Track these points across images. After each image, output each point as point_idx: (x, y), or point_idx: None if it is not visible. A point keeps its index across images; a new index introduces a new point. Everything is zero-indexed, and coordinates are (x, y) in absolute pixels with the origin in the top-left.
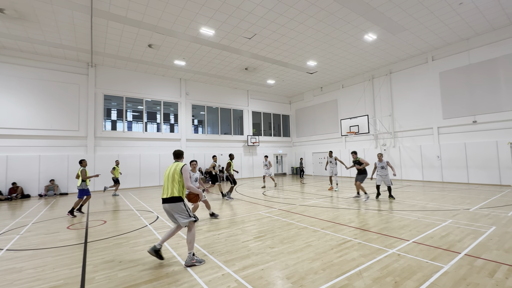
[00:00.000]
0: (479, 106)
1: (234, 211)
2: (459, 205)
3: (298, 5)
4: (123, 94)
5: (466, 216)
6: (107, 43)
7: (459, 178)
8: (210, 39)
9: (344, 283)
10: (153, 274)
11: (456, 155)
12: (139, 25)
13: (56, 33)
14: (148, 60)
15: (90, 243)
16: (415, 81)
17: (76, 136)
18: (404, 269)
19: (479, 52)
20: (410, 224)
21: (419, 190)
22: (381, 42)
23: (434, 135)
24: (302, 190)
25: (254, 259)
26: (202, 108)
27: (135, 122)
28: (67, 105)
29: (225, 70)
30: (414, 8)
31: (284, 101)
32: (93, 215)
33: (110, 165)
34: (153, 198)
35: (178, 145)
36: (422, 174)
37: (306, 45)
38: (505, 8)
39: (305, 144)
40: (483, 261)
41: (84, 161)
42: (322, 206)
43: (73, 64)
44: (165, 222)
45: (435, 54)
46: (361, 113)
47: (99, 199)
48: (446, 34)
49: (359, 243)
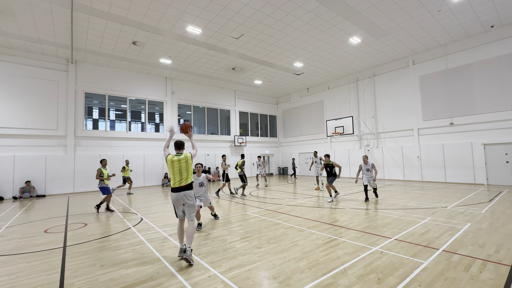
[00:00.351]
0: (455, 109)
1: (221, 212)
2: (437, 203)
3: (286, 6)
4: (106, 92)
5: (444, 214)
6: (88, 39)
7: (437, 177)
8: (197, 38)
9: (329, 281)
10: (137, 277)
11: (435, 155)
12: (123, 21)
13: (33, 27)
14: (132, 58)
15: (69, 247)
16: (397, 84)
17: (54, 136)
18: (386, 266)
19: (456, 58)
20: (392, 222)
21: (400, 189)
22: (365, 45)
23: (414, 136)
24: (288, 190)
25: (241, 259)
26: (188, 108)
27: (118, 121)
28: (45, 102)
29: (212, 69)
30: (396, 14)
31: (271, 102)
32: (73, 217)
33: (92, 165)
34: (137, 199)
35: (163, 145)
36: (403, 173)
37: (293, 47)
38: (480, 17)
39: (292, 144)
40: (459, 257)
41: (104, 160)
42: (308, 206)
43: (52, 60)
44: (150, 224)
45: (416, 59)
46: (346, 114)
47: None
48: (425, 39)
49: (344, 241)
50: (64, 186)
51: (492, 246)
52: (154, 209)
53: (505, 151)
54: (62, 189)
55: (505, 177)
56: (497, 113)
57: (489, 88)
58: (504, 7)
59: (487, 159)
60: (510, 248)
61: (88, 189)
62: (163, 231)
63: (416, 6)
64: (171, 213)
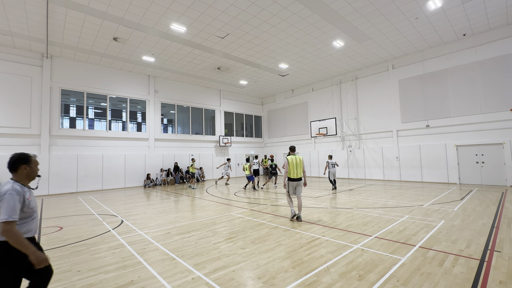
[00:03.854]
0: (431, 112)
1: (205, 212)
2: (414, 202)
3: (271, 8)
4: (84, 89)
5: (420, 212)
6: (65, 33)
7: (414, 177)
8: (182, 36)
9: (312, 280)
10: (117, 282)
11: (412, 156)
12: (103, 16)
13: (3, 18)
14: (113, 54)
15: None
16: (378, 87)
17: (27, 134)
18: (367, 263)
19: (431, 63)
20: (373, 220)
21: (380, 189)
22: (348, 49)
23: (393, 138)
24: (273, 190)
25: (225, 260)
26: (172, 107)
27: (98, 120)
28: (17, 99)
29: (197, 68)
30: (378, 19)
31: (257, 102)
32: (47, 221)
33: (68, 166)
34: (117, 201)
35: (145, 144)
36: (383, 173)
37: (278, 48)
38: (453, 25)
39: (277, 145)
40: (434, 252)
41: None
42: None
43: (25, 54)
44: (131, 226)
45: (395, 63)
46: (329, 116)
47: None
48: (404, 45)
49: (326, 240)
50: (38, 188)
51: (463, 242)
52: (136, 211)
53: (475, 152)
54: (36, 191)
55: (475, 176)
56: (469, 116)
57: (461, 93)
58: (475, 17)
59: (459, 159)
60: (480, 243)
61: (64, 191)
62: (144, 233)
63: (396, 13)
64: (153, 215)
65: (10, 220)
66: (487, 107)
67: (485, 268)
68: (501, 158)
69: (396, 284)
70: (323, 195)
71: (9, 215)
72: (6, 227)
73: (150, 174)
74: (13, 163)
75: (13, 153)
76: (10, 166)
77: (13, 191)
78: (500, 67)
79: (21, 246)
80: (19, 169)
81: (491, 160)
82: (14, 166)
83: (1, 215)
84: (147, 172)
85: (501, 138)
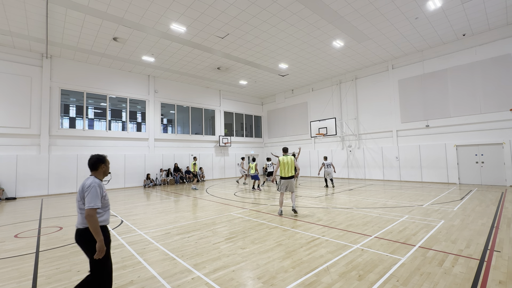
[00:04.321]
0: (431, 112)
1: (205, 212)
2: (414, 202)
3: (271, 8)
4: (84, 90)
5: (420, 212)
6: (65, 33)
7: (414, 177)
8: (181, 36)
9: (312, 280)
10: (116, 282)
11: (412, 156)
12: (103, 16)
13: (3, 18)
14: (113, 54)
15: (42, 252)
16: (378, 87)
17: (27, 134)
18: (367, 263)
19: (431, 63)
20: (372, 220)
21: (380, 189)
22: (348, 49)
23: (393, 138)
24: (273, 190)
25: (225, 260)
26: (171, 107)
27: (98, 120)
28: (16, 99)
29: (196, 68)
30: (377, 19)
31: (257, 102)
32: (47, 221)
33: (68, 166)
34: (117, 201)
35: (145, 145)
36: (383, 173)
37: (278, 48)
38: (453, 25)
39: (277, 145)
40: (434, 252)
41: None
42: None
43: (25, 54)
44: (131, 226)
45: (395, 63)
46: (329, 116)
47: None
48: (404, 45)
49: (326, 240)
50: (37, 188)
51: (463, 242)
52: (135, 211)
53: (475, 152)
54: (35, 191)
55: (475, 176)
56: (468, 116)
57: (461, 93)
58: (474, 17)
59: (459, 159)
60: (479, 243)
61: (64, 191)
62: (144, 233)
63: (396, 13)
64: (153, 215)
65: (94, 207)
66: (486, 107)
67: (484, 268)
68: (500, 158)
69: (396, 284)
70: (323, 195)
71: (94, 203)
72: (90, 212)
73: (150, 174)
74: (94, 163)
75: (92, 155)
76: (91, 165)
77: (96, 184)
78: (500, 67)
79: (95, 232)
80: (99, 168)
81: (490, 160)
82: (95, 165)
83: (87, 203)
84: (147, 172)
85: (501, 138)
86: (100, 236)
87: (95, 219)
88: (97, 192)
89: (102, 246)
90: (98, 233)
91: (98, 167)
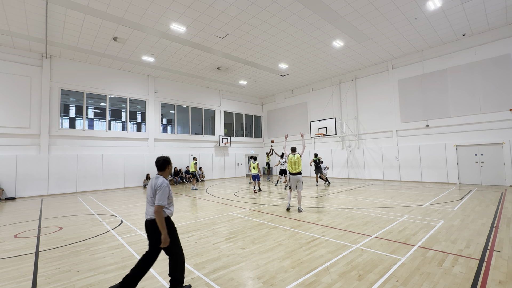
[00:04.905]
0: (431, 112)
1: (205, 212)
2: (414, 202)
3: (271, 8)
4: (84, 90)
5: (420, 212)
6: (65, 33)
7: (414, 177)
8: (181, 36)
9: (312, 280)
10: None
11: (412, 156)
12: (102, 16)
13: (2, 18)
14: (112, 54)
15: (42, 252)
16: (377, 87)
17: (26, 134)
18: (367, 263)
19: (431, 63)
20: (372, 220)
21: (380, 189)
22: (348, 49)
23: (393, 138)
24: (273, 190)
25: (225, 260)
26: (171, 107)
27: (97, 120)
28: (16, 99)
29: (196, 68)
30: (377, 19)
31: (256, 102)
32: (47, 221)
33: (68, 166)
34: (117, 201)
35: (145, 144)
36: (382, 173)
37: (278, 48)
38: (453, 25)
39: (277, 145)
40: (433, 252)
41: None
42: (292, 206)
43: (24, 54)
44: (131, 227)
45: (395, 63)
46: (329, 116)
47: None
48: (404, 45)
49: (326, 240)
50: (37, 188)
51: (463, 242)
52: (135, 211)
53: (475, 152)
54: (35, 191)
55: (475, 176)
56: (468, 116)
57: (461, 93)
58: (474, 17)
59: (458, 159)
60: (479, 243)
61: (64, 191)
62: (144, 233)
63: (396, 13)
64: None
65: (162, 205)
66: (486, 107)
67: (484, 268)
68: (500, 158)
69: (396, 284)
70: (322, 195)
71: (162, 201)
72: (158, 209)
73: (149, 174)
74: (162, 165)
75: (159, 156)
76: (159, 166)
77: (166, 184)
78: (500, 67)
79: (161, 225)
80: (166, 169)
81: (490, 160)
82: (163, 166)
83: (157, 200)
84: (147, 172)
85: (501, 138)
86: (165, 230)
87: (161, 215)
88: (166, 192)
89: (166, 238)
90: (163, 227)
91: (166, 168)
